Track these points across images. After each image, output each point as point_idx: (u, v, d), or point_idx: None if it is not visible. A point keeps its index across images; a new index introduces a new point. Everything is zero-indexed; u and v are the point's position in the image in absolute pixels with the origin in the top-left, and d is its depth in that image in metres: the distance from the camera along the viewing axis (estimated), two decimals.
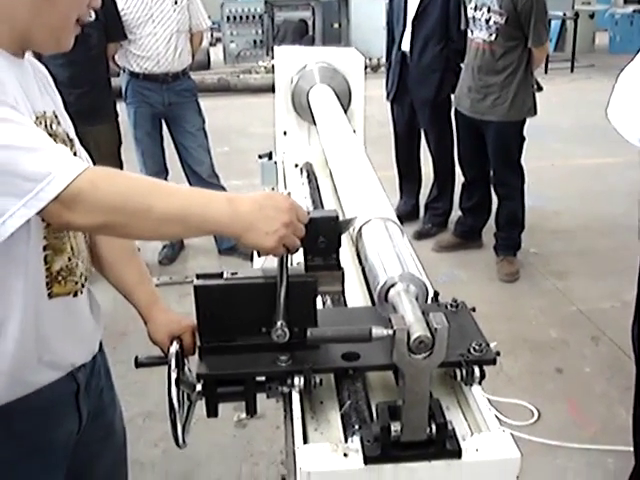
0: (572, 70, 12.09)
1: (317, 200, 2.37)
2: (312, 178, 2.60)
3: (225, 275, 1.34)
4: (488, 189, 4.79)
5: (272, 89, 2.93)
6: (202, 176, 4.69)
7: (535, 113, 4.42)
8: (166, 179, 4.77)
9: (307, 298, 1.34)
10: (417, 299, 1.17)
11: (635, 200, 5.62)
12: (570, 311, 4.09)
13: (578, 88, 10.67)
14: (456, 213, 5.13)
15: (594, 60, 12.83)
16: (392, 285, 1.18)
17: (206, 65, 12.11)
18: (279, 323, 1.28)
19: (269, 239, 1.21)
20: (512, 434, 1.15)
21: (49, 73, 1.57)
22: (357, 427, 1.22)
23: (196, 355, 1.39)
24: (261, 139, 6.31)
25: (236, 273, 1.34)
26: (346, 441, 1.17)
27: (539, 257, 4.81)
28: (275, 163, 2.95)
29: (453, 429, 1.15)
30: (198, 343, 1.37)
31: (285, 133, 2.90)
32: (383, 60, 10.97)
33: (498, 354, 1.39)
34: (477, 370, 1.33)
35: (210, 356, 1.35)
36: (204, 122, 4.70)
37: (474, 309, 1.55)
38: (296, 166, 2.80)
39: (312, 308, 1.35)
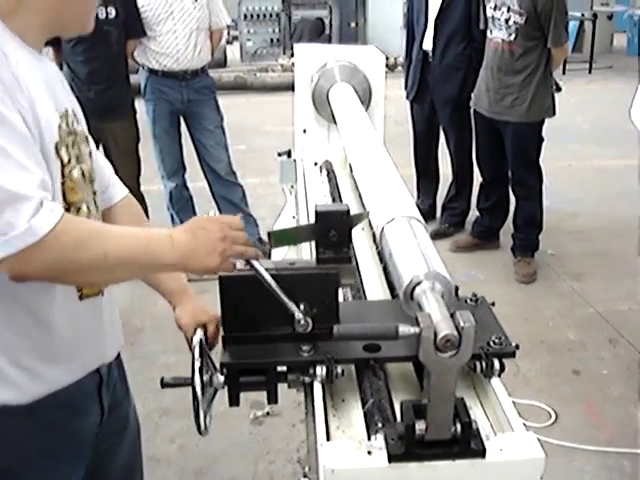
0: (590, 71, 12.05)
1: (337, 198, 2.37)
2: (332, 176, 2.60)
3: (238, 266, 1.34)
4: (506, 189, 4.77)
5: (289, 88, 2.93)
6: (220, 174, 4.69)
7: (554, 114, 4.40)
8: (184, 176, 4.79)
9: (329, 290, 1.35)
10: (443, 297, 1.17)
11: None
12: (587, 313, 4.07)
13: (596, 89, 10.64)
14: (473, 213, 5.12)
15: (612, 62, 12.77)
16: (418, 283, 1.18)
17: (223, 63, 12.13)
18: (297, 315, 1.29)
19: (212, 259, 1.26)
20: None
21: (69, 69, 1.58)
22: (380, 425, 1.22)
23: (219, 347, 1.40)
24: (278, 137, 6.33)
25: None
26: (369, 439, 1.17)
27: (556, 258, 4.79)
28: (294, 161, 2.95)
29: (477, 429, 1.15)
30: (222, 333, 1.38)
31: (305, 131, 2.90)
32: (400, 59, 11.02)
33: (517, 347, 1.40)
34: (497, 363, 1.34)
35: (233, 345, 1.36)
36: (222, 120, 4.70)
37: (493, 304, 1.56)
38: (315, 164, 2.79)
39: (334, 300, 1.36)
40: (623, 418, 3.11)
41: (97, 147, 4.34)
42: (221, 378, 1.34)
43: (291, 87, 3.04)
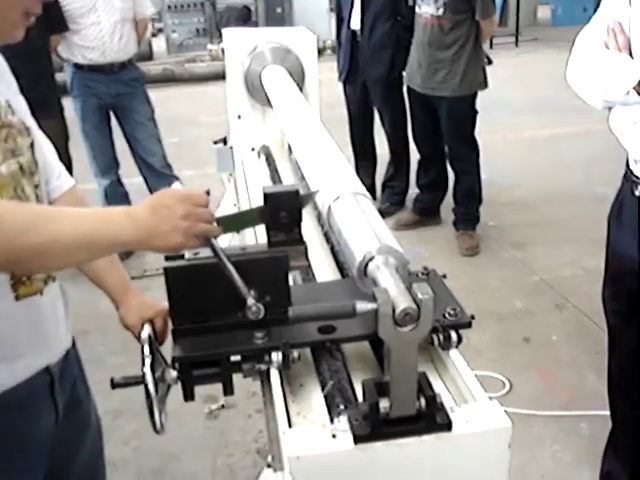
0: (517, 44, 12.22)
1: (277, 182, 2.34)
2: (270, 161, 2.56)
3: (187, 256, 1.31)
4: (444, 165, 4.80)
5: (219, 77, 2.88)
6: (155, 167, 4.61)
7: (486, 86, 4.42)
8: (117, 173, 4.68)
9: (279, 273, 1.32)
10: (397, 271, 1.14)
11: (587, 169, 5.74)
12: (532, 281, 4.12)
13: (524, 61, 10.79)
14: (413, 191, 5.13)
15: (537, 34, 12.98)
16: (371, 259, 1.15)
17: (149, 56, 11.94)
18: (249, 301, 1.25)
19: (174, 237, 1.20)
20: None
21: None
22: (342, 407, 1.19)
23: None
24: (211, 127, 6.24)
25: (198, 253, 1.31)
26: (332, 422, 1.14)
27: (498, 229, 4.84)
28: (231, 148, 2.89)
29: (441, 402, 1.14)
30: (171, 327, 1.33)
31: (239, 117, 2.85)
32: (329, 42, 10.99)
33: (473, 317, 1.39)
34: (454, 334, 1.34)
35: (184, 338, 1.32)
36: (153, 112, 4.61)
37: (445, 276, 1.55)
38: (253, 150, 2.76)
39: (285, 283, 1.33)
40: (577, 381, 3.15)
41: None
42: (173, 373, 1.29)
43: (221, 76, 2.97)
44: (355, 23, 4.88)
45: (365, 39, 4.86)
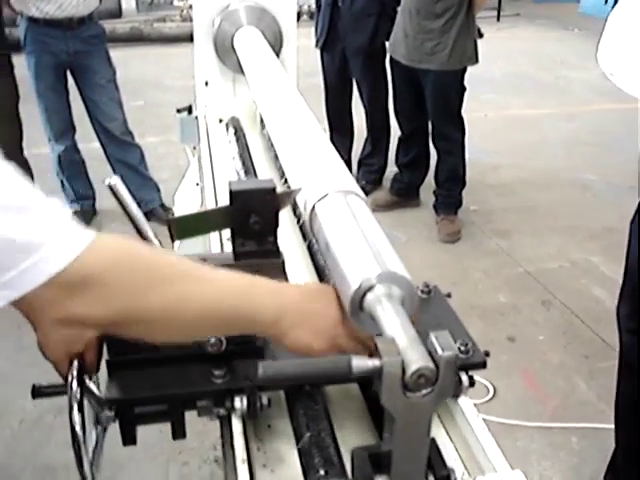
0: (498, 19, 11.96)
1: (248, 161, 2.04)
2: (240, 135, 2.28)
3: None
4: (426, 143, 4.49)
5: (189, 38, 2.56)
6: (114, 133, 4.25)
7: (477, 61, 4.10)
8: (73, 138, 4.32)
9: None
10: (403, 305, 0.86)
11: (570, 152, 5.52)
12: (517, 273, 3.84)
13: (505, 37, 10.54)
14: (392, 169, 4.82)
15: (519, 9, 12.75)
16: (369, 288, 0.86)
17: (117, 13, 11.50)
18: None
19: (319, 340, 0.96)
20: None
21: None
22: (322, 472, 0.93)
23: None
24: (179, 92, 5.93)
25: None
26: None
27: (480, 215, 4.55)
28: (196, 118, 2.62)
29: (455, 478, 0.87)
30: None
31: (207, 83, 2.57)
32: (305, 8, 10.59)
33: (487, 354, 1.13)
34: (465, 377, 1.09)
35: (123, 373, 1.05)
36: (115, 73, 4.24)
37: (449, 295, 1.29)
38: (220, 121, 2.48)
39: None
40: (565, 388, 2.89)
41: None
42: (109, 412, 1.04)
43: (192, 37, 2.67)
44: None
45: (347, 4, 4.51)
